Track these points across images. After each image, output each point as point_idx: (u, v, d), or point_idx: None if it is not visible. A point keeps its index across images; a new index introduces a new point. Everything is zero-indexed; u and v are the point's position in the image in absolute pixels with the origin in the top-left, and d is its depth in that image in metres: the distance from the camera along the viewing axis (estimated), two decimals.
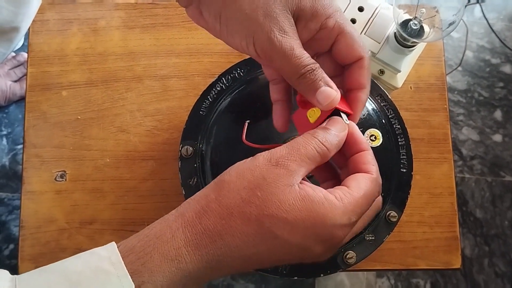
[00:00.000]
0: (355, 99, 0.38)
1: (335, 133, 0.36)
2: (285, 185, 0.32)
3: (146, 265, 0.31)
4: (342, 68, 0.40)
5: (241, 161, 0.35)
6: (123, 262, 0.31)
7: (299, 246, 0.32)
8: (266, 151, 0.35)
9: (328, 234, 0.32)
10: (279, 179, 0.32)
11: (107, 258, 0.31)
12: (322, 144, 0.34)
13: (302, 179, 0.34)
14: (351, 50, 0.37)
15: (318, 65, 0.36)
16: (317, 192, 0.33)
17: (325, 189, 0.34)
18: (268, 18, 0.34)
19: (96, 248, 0.32)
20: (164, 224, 0.33)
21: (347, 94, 0.39)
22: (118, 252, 0.31)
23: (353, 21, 0.57)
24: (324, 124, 0.37)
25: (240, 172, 0.34)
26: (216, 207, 0.33)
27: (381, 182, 0.37)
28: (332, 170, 0.40)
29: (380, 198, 0.38)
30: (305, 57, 0.35)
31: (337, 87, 0.37)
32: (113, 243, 0.32)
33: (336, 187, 0.34)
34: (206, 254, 0.32)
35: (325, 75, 0.36)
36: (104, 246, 0.32)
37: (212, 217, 0.32)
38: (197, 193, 0.35)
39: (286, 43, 0.34)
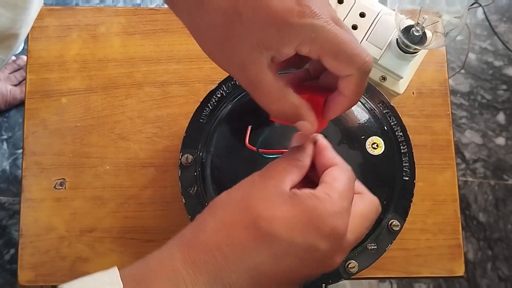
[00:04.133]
0: (332, 100, 0.35)
1: (301, 146, 0.37)
2: (275, 191, 0.32)
3: None
4: None
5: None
6: None
7: (302, 245, 0.31)
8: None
9: (327, 225, 0.31)
10: (268, 187, 0.33)
11: (108, 284, 0.30)
12: (296, 159, 0.36)
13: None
14: (336, 70, 0.33)
15: (290, 95, 0.34)
16: (303, 190, 0.33)
17: None
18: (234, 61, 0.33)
19: (98, 273, 0.31)
20: (164, 248, 0.33)
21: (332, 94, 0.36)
22: (120, 280, 0.30)
23: (355, 27, 0.56)
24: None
25: (229, 191, 0.35)
26: (211, 222, 0.32)
27: (349, 166, 0.37)
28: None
29: (377, 201, 0.38)
30: (274, 91, 0.33)
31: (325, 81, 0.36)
32: (116, 269, 0.31)
33: (318, 186, 0.34)
34: (206, 272, 0.30)
35: (301, 110, 0.35)
36: (107, 271, 0.31)
37: (208, 231, 0.32)
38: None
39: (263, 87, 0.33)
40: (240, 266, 0.31)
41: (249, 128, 0.44)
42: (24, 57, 1.32)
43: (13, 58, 1.32)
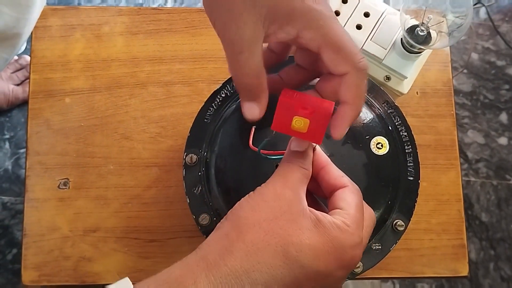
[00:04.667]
0: (337, 115, 0.35)
1: (304, 152, 0.37)
2: (300, 210, 0.33)
3: None
4: None
5: (245, 197, 0.35)
6: None
7: (323, 272, 0.32)
8: (263, 184, 0.35)
9: (349, 257, 0.33)
10: (293, 206, 0.33)
11: None
12: (302, 167, 0.36)
13: None
14: (333, 64, 0.33)
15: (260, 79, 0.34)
16: (326, 217, 0.33)
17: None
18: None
19: (109, 286, 0.31)
20: (185, 269, 0.32)
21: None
22: None
23: (359, 27, 0.56)
24: (289, 147, 0.38)
25: (253, 205, 0.34)
26: (241, 245, 0.32)
27: (358, 188, 0.38)
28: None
29: (373, 213, 0.40)
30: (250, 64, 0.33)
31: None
32: (128, 281, 0.31)
33: (334, 212, 0.35)
34: None
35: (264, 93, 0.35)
36: (118, 282, 0.31)
37: (238, 257, 0.31)
38: (213, 233, 0.34)
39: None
40: None
41: (253, 128, 0.44)
42: (27, 57, 1.32)
43: (16, 57, 1.32)
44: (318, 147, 0.39)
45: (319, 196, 0.41)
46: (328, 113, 0.35)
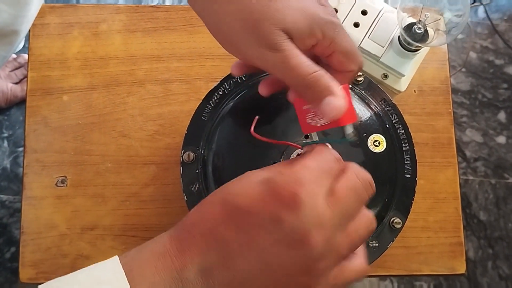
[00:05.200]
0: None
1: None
2: (253, 176, 0.34)
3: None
4: None
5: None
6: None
7: (263, 214, 0.30)
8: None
9: (286, 191, 0.31)
10: (249, 178, 0.34)
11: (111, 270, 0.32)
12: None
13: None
14: (341, 66, 0.37)
15: (322, 71, 0.35)
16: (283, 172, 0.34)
17: None
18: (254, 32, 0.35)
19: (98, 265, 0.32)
20: (156, 241, 0.34)
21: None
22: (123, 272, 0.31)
23: (357, 24, 0.56)
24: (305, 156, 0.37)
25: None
26: (193, 208, 0.35)
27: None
28: None
29: (371, 216, 0.35)
30: (305, 65, 0.35)
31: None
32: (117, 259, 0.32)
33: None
34: (187, 247, 0.31)
35: (331, 83, 0.35)
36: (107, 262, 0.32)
37: (189, 214, 0.34)
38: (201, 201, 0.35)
39: (277, 55, 0.35)
40: (209, 239, 0.31)
41: (257, 118, 0.43)
42: (25, 55, 1.32)
43: (14, 56, 1.32)
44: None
45: None
46: (345, 87, 0.36)
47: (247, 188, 0.32)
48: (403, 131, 0.52)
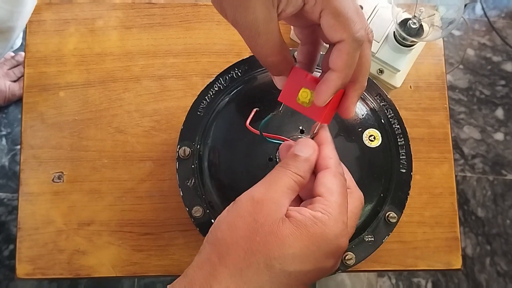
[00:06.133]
0: (322, 81, 0.35)
1: (305, 158, 0.36)
2: (277, 220, 0.32)
3: None
4: None
5: (223, 211, 0.35)
6: None
7: (314, 270, 0.32)
8: (244, 193, 0.34)
9: (334, 247, 0.32)
10: (270, 216, 0.32)
11: None
12: (296, 174, 0.35)
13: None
14: (331, 30, 0.33)
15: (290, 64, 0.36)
16: (305, 214, 0.32)
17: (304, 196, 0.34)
18: None
19: None
20: None
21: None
22: None
23: None
24: (292, 150, 0.37)
25: (230, 223, 0.33)
26: (223, 269, 0.31)
27: (341, 170, 0.37)
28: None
29: (362, 196, 0.38)
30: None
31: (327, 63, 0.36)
32: None
33: (314, 201, 0.34)
34: None
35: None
36: None
37: (223, 280, 0.31)
38: (197, 257, 0.34)
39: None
40: None
41: (254, 110, 0.42)
42: (23, 54, 1.32)
43: (12, 54, 1.32)
44: (324, 130, 0.38)
45: None
46: (339, 93, 0.35)
47: (292, 249, 0.31)
48: (398, 126, 0.52)
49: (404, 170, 0.52)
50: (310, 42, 0.38)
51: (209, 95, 0.52)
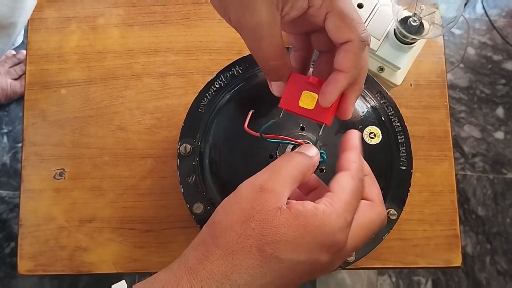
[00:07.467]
0: (328, 81, 0.35)
1: (310, 156, 0.37)
2: (275, 209, 0.32)
3: None
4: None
5: (226, 198, 0.35)
6: None
7: (306, 261, 0.32)
8: (247, 179, 0.35)
9: (330, 241, 0.32)
10: (267, 205, 0.32)
11: None
12: (300, 165, 0.35)
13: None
14: (338, 31, 0.34)
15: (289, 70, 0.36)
16: (306, 206, 0.32)
17: (312, 199, 0.34)
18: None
19: None
20: (168, 272, 0.32)
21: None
22: None
23: None
24: (298, 148, 0.37)
25: (227, 208, 0.34)
26: (216, 249, 0.32)
27: (361, 176, 0.37)
28: (314, 181, 0.41)
29: (385, 213, 0.38)
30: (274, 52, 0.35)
31: (327, 65, 0.36)
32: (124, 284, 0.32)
33: (324, 195, 0.34)
34: None
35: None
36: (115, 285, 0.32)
37: (213, 260, 0.31)
38: (194, 239, 0.35)
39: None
40: None
41: (251, 112, 0.43)
42: (25, 52, 1.32)
43: (13, 52, 1.33)
44: (356, 135, 0.38)
45: None
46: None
47: (286, 236, 0.31)
48: (398, 124, 0.53)
49: (404, 168, 0.52)
50: (303, 48, 0.39)
51: (210, 92, 0.52)
